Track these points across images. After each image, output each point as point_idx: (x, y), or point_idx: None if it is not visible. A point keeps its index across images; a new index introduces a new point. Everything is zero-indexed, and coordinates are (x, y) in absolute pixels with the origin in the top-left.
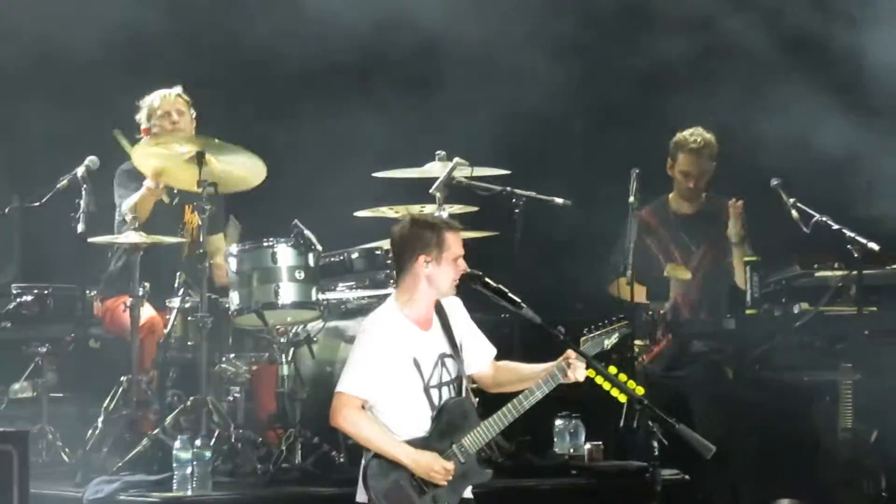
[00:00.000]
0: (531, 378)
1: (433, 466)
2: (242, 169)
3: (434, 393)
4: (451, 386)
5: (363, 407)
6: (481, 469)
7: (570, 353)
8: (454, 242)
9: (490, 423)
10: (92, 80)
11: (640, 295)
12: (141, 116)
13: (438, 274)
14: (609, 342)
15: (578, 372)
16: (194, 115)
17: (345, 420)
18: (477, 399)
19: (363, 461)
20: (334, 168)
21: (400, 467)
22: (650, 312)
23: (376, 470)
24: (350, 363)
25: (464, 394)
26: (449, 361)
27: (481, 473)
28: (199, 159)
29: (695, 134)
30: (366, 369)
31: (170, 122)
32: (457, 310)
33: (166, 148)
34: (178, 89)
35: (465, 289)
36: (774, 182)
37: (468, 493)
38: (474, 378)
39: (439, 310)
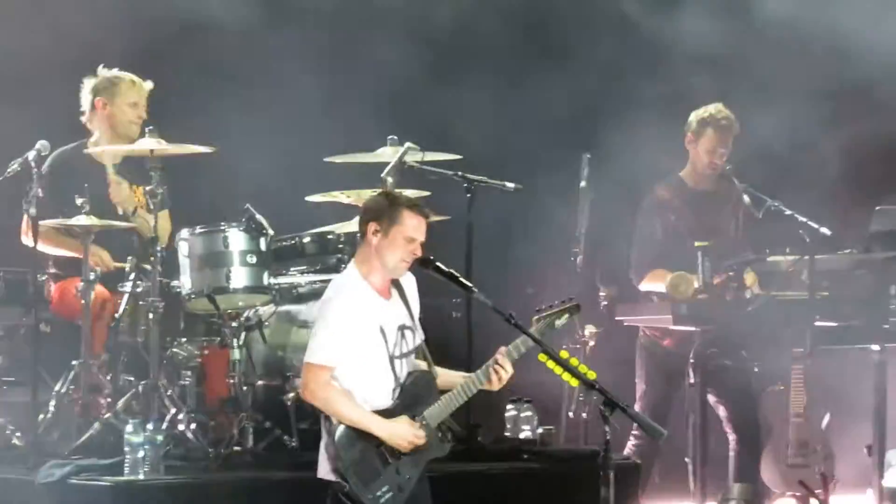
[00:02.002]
0: (446, 386)
1: (405, 434)
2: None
3: (397, 364)
4: (409, 358)
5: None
6: (441, 444)
7: (500, 351)
8: (409, 222)
9: (451, 396)
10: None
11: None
12: (100, 87)
13: (385, 247)
14: (560, 323)
15: (505, 378)
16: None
17: (314, 392)
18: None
19: (324, 436)
20: (286, 152)
21: (365, 437)
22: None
23: (345, 441)
24: (316, 332)
25: (428, 367)
26: (408, 333)
27: (441, 447)
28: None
29: (722, 111)
30: (333, 336)
31: (136, 115)
32: (411, 285)
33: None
34: (149, 84)
35: (417, 273)
36: (726, 167)
37: (443, 451)
38: None
39: (396, 282)
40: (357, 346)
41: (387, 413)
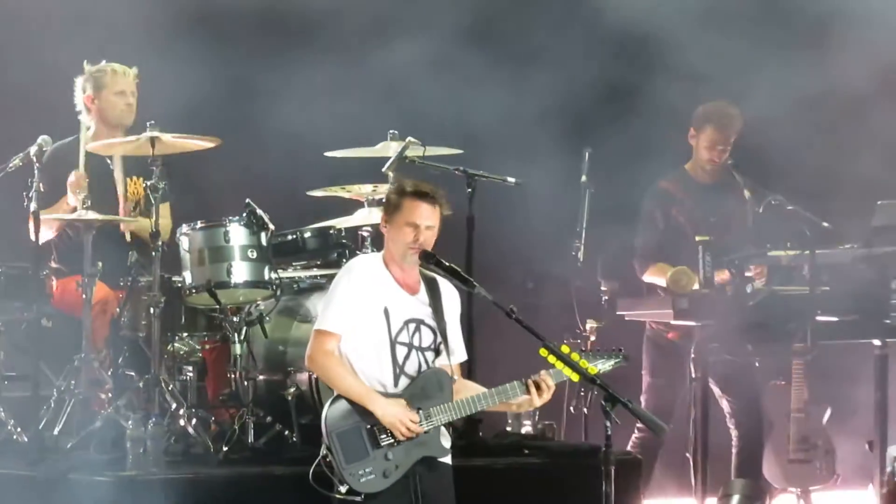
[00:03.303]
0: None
1: (400, 416)
2: (194, 145)
3: (400, 350)
4: (424, 353)
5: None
6: (441, 445)
7: (543, 376)
8: (410, 207)
9: (464, 402)
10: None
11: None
12: (87, 83)
13: (391, 236)
14: (604, 368)
15: (543, 395)
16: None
17: (313, 358)
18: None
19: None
20: (287, 147)
21: (359, 412)
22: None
23: (338, 411)
24: (326, 301)
25: (449, 371)
26: (426, 330)
27: (440, 449)
28: (152, 143)
29: (726, 106)
30: (341, 305)
31: (125, 103)
32: (452, 299)
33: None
34: (135, 70)
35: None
36: (728, 161)
37: (448, 459)
38: None
39: (433, 287)
40: (358, 322)
41: (389, 397)
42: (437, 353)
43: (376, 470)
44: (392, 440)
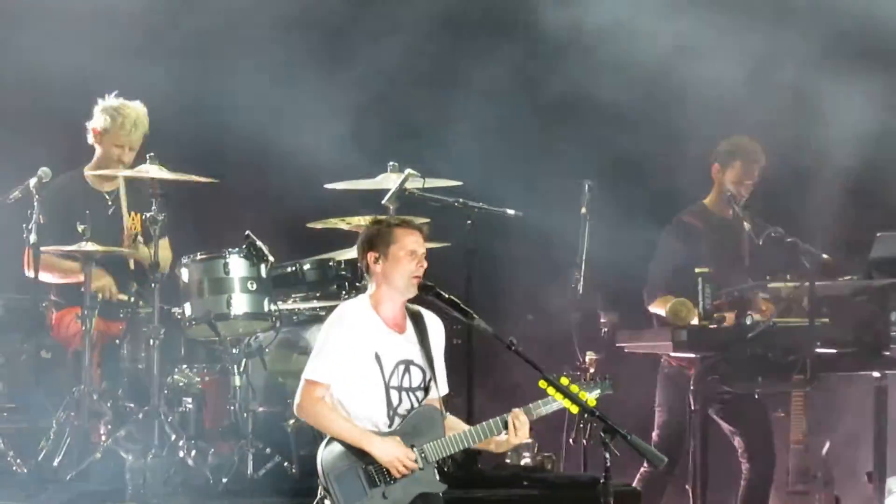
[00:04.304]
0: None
1: (397, 454)
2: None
3: (394, 394)
4: (414, 393)
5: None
6: (436, 481)
7: (516, 413)
8: (404, 237)
9: (455, 438)
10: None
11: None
12: (99, 115)
13: (390, 270)
14: (588, 397)
15: (520, 433)
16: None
17: (303, 406)
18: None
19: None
20: (286, 179)
21: (354, 453)
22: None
23: (333, 453)
24: (315, 350)
25: (439, 406)
26: (415, 370)
27: (435, 484)
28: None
29: (751, 143)
30: (329, 355)
31: (118, 157)
32: (437, 332)
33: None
34: (145, 123)
35: (419, 300)
36: (728, 193)
37: (438, 488)
38: None
39: (418, 321)
40: (351, 370)
41: (385, 436)
42: (426, 391)
43: None
44: (389, 479)
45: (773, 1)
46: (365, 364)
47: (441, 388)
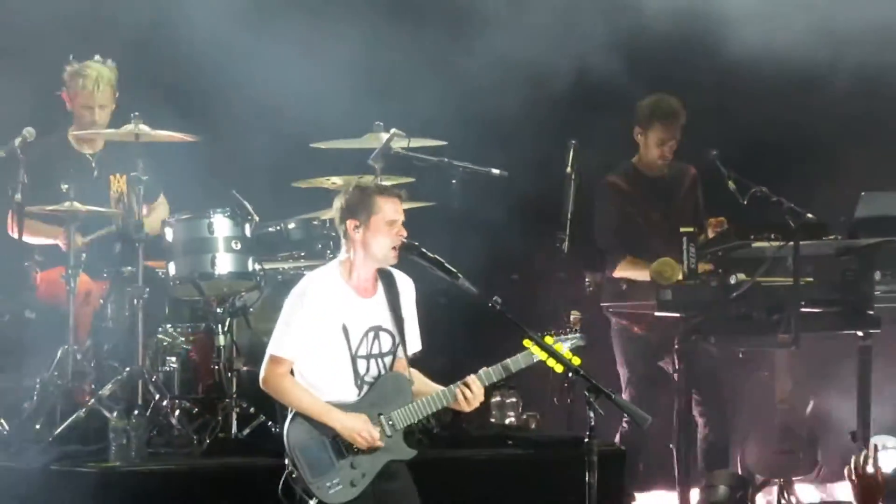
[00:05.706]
0: (419, 394)
1: (359, 429)
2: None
3: (361, 363)
4: (382, 359)
5: (291, 370)
6: (405, 447)
7: (469, 380)
8: (386, 206)
9: (422, 403)
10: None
11: (644, 274)
12: (66, 79)
13: (370, 239)
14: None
15: (472, 401)
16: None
17: (267, 381)
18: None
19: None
20: (271, 138)
21: (319, 427)
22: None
23: (299, 426)
24: (279, 323)
25: (406, 372)
26: (384, 336)
27: (404, 451)
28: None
29: (670, 101)
30: (292, 331)
31: (90, 118)
32: (408, 292)
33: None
34: (111, 76)
35: (403, 259)
36: (712, 153)
37: (407, 455)
38: None
39: (389, 283)
40: (316, 343)
41: (348, 408)
42: (395, 355)
43: (343, 480)
44: (356, 449)
45: None
46: (331, 337)
47: (413, 345)
